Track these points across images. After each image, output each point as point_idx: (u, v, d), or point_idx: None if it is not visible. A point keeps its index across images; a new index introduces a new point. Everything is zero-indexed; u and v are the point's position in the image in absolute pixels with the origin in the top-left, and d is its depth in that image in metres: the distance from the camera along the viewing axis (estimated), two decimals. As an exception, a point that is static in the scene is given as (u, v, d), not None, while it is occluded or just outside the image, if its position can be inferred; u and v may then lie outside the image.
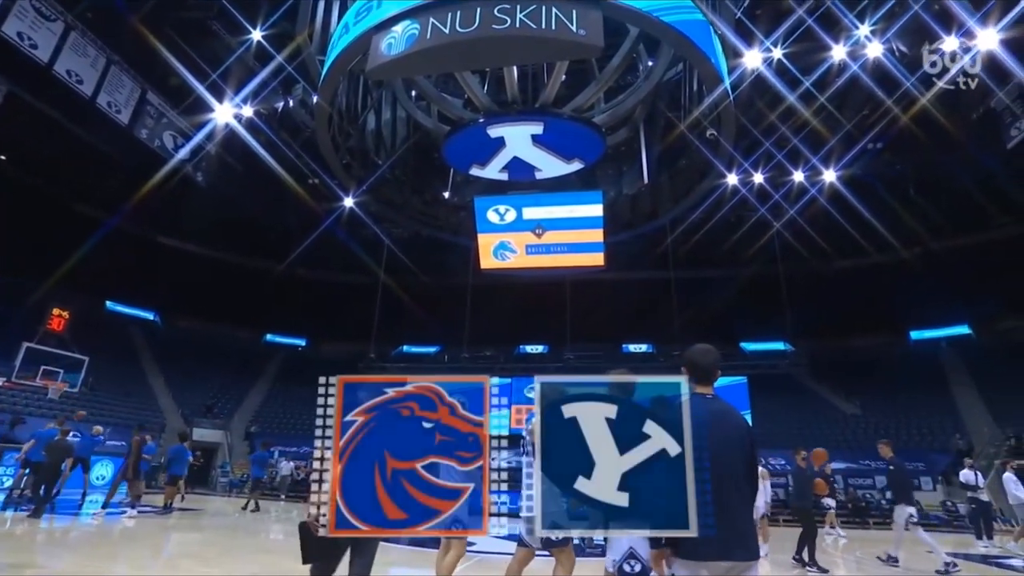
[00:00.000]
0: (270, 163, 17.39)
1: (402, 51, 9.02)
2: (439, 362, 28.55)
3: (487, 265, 15.92)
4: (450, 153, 12.89)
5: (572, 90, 12.82)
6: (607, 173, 16.48)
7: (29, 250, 22.03)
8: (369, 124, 14.95)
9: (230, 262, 28.99)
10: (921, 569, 7.87)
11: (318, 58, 12.33)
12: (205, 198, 21.38)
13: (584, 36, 8.56)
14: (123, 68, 14.75)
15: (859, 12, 12.66)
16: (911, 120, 14.90)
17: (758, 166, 17.59)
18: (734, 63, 12.19)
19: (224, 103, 15.50)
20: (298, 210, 22.32)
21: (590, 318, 26.07)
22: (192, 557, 7.35)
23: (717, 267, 26.08)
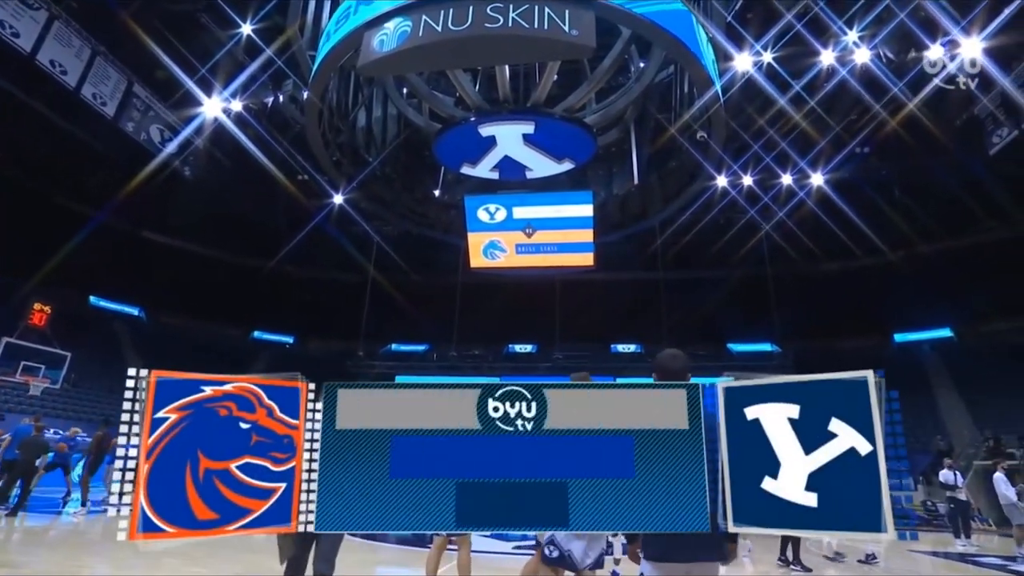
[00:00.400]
0: (259, 159, 17.24)
1: (394, 48, 8.97)
2: (428, 361, 28.47)
3: (477, 264, 15.90)
4: (441, 151, 12.85)
5: (564, 90, 12.84)
6: (597, 173, 16.52)
7: (11, 246, 21.65)
8: (360, 121, 14.87)
9: (218, 258, 28.71)
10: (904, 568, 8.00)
11: (309, 53, 12.23)
12: (193, 193, 21.15)
13: (576, 36, 8.57)
14: (109, 59, 14.54)
15: (848, 19, 12.82)
16: (897, 125, 15.13)
17: (747, 168, 17.74)
18: (724, 66, 12.28)
19: (213, 97, 15.34)
20: (287, 207, 22.17)
21: (579, 318, 26.15)
22: (178, 556, 7.27)
23: (706, 268, 26.26)
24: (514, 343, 28.91)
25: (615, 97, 13.41)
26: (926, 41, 12.32)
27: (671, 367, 2.67)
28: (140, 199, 19.99)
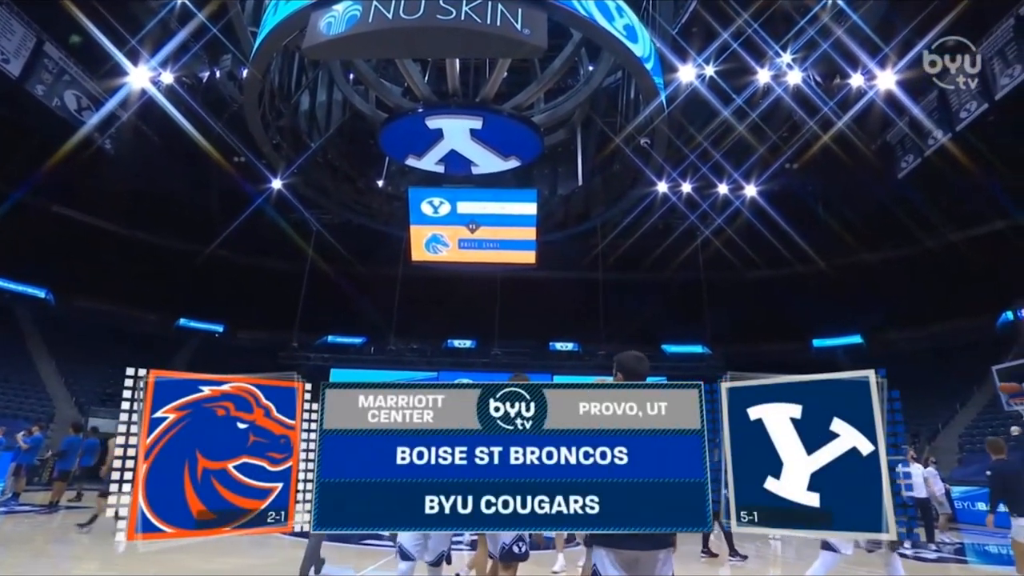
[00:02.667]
0: (192, 136, 16.23)
1: (341, 32, 8.73)
2: (365, 354, 27.87)
3: (418, 257, 15.73)
4: (386, 141, 12.63)
5: (513, 88, 12.92)
6: (543, 173, 16.73)
7: None
8: (303, 104, 14.35)
9: (141, 239, 26.82)
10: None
11: (250, 29, 11.68)
12: (115, 169, 19.66)
13: (528, 36, 8.66)
14: (13, 12, 13.19)
15: (784, 43, 13.61)
16: (820, 147, 16.23)
17: (686, 176, 18.49)
18: (669, 77, 12.74)
19: (140, 66, 14.30)
20: (221, 189, 21.06)
21: (519, 315, 26.37)
22: (86, 560, 6.81)
23: (644, 272, 27.14)
24: (453, 338, 28.77)
25: (563, 98, 13.63)
26: (848, 70, 13.30)
27: (639, 369, 2.71)
28: (50, 171, 18.34)
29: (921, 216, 20.66)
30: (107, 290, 26.43)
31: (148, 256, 26.83)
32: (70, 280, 25.64)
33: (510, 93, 12.34)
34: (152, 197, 23.66)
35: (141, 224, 26.42)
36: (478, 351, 27.95)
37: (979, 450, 17.44)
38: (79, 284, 25.93)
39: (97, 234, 25.59)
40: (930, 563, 8.57)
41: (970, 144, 14.93)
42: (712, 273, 25.06)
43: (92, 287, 26.17)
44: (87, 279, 25.74)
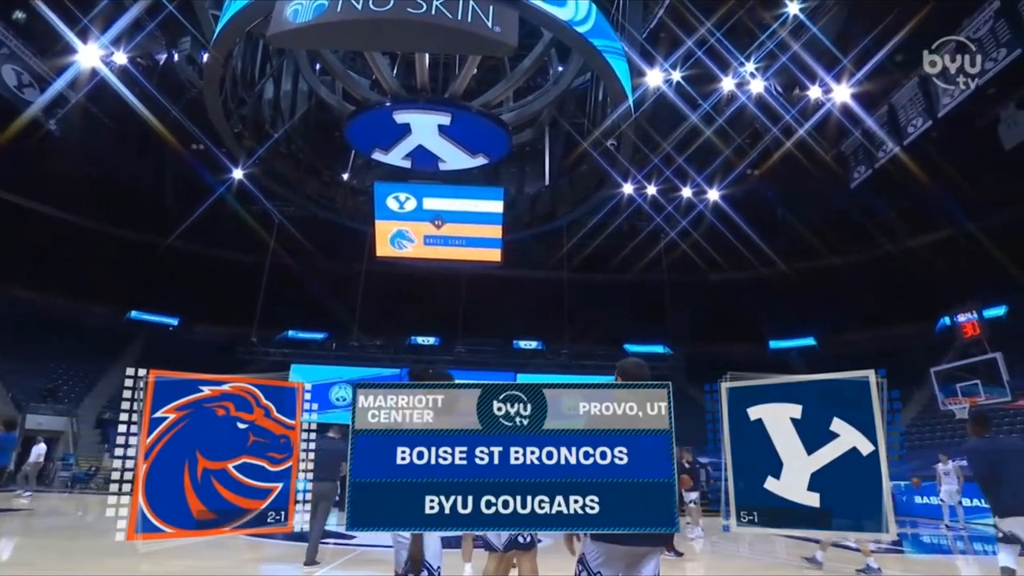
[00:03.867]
0: (148, 120, 15.52)
1: (308, 20, 8.52)
2: (326, 349, 27.31)
3: (383, 253, 15.53)
4: (353, 134, 12.42)
5: (482, 85, 12.88)
6: (510, 171, 16.77)
7: None
8: (267, 93, 13.95)
9: (89, 227, 25.50)
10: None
11: (212, 12, 11.28)
12: (61, 152, 18.65)
13: (499, 33, 8.64)
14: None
15: (748, 53, 13.99)
16: (781, 154, 16.79)
17: (651, 179, 18.82)
18: (637, 82, 12.93)
19: (90, 44, 13.56)
20: (177, 176, 20.25)
21: (483, 313, 26.36)
22: (18, 564, 6.46)
23: (609, 272, 27.50)
24: (417, 335, 28.50)
25: (532, 98, 13.67)
26: (806, 82, 13.79)
27: (637, 374, 2.72)
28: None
29: (875, 223, 21.66)
30: (49, 280, 25.07)
31: (96, 245, 25.56)
32: (8, 269, 24.18)
33: (479, 90, 12.30)
34: (103, 183, 22.52)
35: (90, 211, 25.14)
36: (442, 348, 27.77)
37: (916, 447, 18.55)
38: (16, 274, 24.46)
39: (38, 220, 24.18)
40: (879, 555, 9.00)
41: (917, 157, 15.72)
42: (675, 275, 25.61)
43: (31, 277, 24.78)
44: (25, 268, 24.35)
